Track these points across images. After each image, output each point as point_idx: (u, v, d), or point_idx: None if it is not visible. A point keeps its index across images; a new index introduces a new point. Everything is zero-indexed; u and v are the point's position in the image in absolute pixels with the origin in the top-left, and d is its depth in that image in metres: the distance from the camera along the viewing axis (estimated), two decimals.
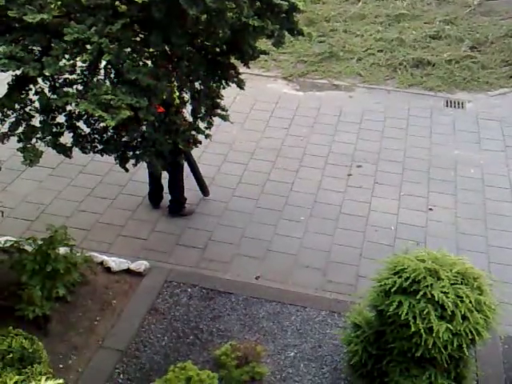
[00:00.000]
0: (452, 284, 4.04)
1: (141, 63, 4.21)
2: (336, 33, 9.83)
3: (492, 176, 7.00)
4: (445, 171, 7.06)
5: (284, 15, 4.38)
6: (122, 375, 4.67)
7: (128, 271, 5.51)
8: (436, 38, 9.69)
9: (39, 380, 3.08)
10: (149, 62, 4.32)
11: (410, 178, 6.94)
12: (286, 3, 4.20)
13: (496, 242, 6.10)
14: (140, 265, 5.55)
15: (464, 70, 8.92)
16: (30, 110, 4.30)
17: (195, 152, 6.02)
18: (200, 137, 5.18)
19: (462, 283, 4.05)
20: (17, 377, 3.69)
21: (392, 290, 4.10)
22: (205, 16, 4.20)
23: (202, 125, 5.09)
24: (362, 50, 9.37)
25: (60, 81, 4.24)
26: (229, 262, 5.77)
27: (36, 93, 4.20)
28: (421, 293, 4.00)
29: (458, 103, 8.35)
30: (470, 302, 3.98)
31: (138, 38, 4.24)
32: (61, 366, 4.67)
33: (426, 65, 9.04)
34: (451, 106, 8.30)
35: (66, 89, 4.16)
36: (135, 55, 4.17)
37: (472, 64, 9.02)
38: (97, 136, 4.62)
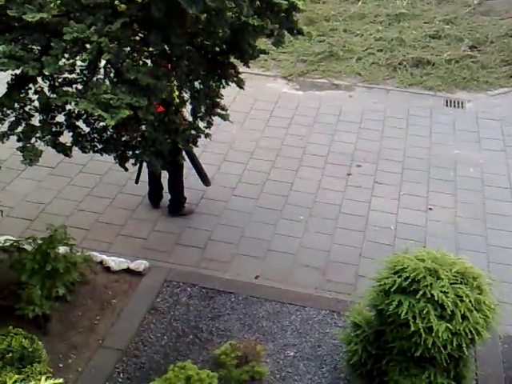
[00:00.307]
0: (452, 283, 4.04)
1: (140, 62, 4.22)
2: (336, 32, 9.83)
3: (492, 175, 7.00)
4: (444, 171, 7.06)
5: (284, 14, 4.38)
6: (121, 374, 4.67)
7: (128, 271, 5.50)
8: (436, 37, 9.69)
9: (39, 379, 3.06)
10: (148, 62, 4.32)
11: (410, 178, 6.94)
12: (286, 2, 4.20)
13: (496, 241, 6.10)
14: (140, 264, 5.54)
15: (464, 70, 8.91)
16: (30, 109, 4.29)
17: (195, 151, 6.01)
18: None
19: (461, 283, 4.06)
20: (16, 376, 3.67)
21: (392, 290, 4.11)
22: (204, 15, 4.20)
23: (201, 124, 5.09)
24: (362, 50, 9.36)
25: (59, 80, 4.24)
26: (228, 262, 5.76)
27: (35, 92, 4.20)
28: (420, 292, 4.01)
29: (458, 103, 8.34)
30: (470, 301, 3.98)
31: (137, 38, 4.24)
32: (60, 365, 4.67)
33: (426, 64, 9.04)
34: (451, 106, 8.30)
35: (65, 88, 4.15)
36: (135, 54, 4.18)
37: (472, 64, 9.02)
38: (96, 135, 4.62)
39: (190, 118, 5.07)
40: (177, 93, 5.03)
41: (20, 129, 4.24)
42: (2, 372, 3.91)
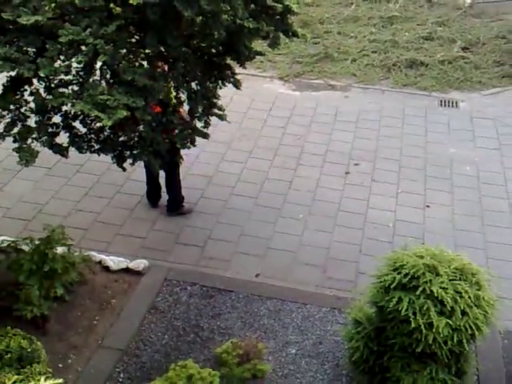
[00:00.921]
0: (451, 280, 4.05)
1: (137, 64, 4.20)
2: (330, 34, 9.88)
3: (487, 173, 7.03)
4: (441, 169, 7.08)
5: (278, 17, 4.37)
6: (122, 374, 4.65)
7: (127, 270, 5.48)
8: (429, 39, 9.75)
9: (38, 380, 3.04)
10: (145, 63, 4.31)
11: (407, 176, 6.96)
12: (281, 5, 4.20)
13: (493, 238, 6.11)
14: (139, 263, 5.52)
15: (457, 70, 8.98)
16: (26, 110, 4.28)
17: (193, 151, 5.97)
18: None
19: (460, 279, 4.07)
20: (16, 377, 3.65)
21: (392, 287, 4.12)
22: (200, 18, 4.18)
23: (199, 124, 5.08)
24: (357, 51, 9.41)
25: (55, 81, 4.22)
26: (229, 260, 5.76)
27: (31, 93, 4.17)
28: (420, 289, 4.02)
29: (452, 102, 8.40)
30: (469, 297, 4.00)
31: (133, 40, 4.22)
32: (60, 365, 4.65)
33: (420, 65, 9.09)
34: (445, 106, 8.35)
35: (61, 89, 4.13)
36: (131, 56, 4.17)
37: (465, 64, 9.09)
38: (93, 136, 4.61)
39: (188, 118, 5.07)
40: (174, 93, 5.02)
41: (16, 130, 4.22)
42: (1, 373, 3.88)
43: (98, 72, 4.14)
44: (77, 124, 4.49)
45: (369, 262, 5.35)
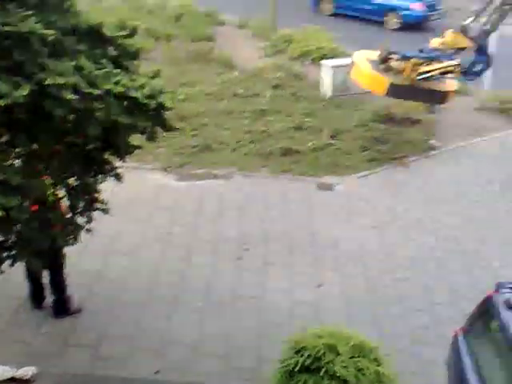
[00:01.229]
0: (351, 357, 4.13)
1: (8, 163, 4.04)
2: (207, 127, 10.20)
3: (369, 250, 7.28)
4: (327, 248, 7.26)
5: (153, 113, 4.40)
6: None
7: (13, 380, 5.06)
8: (298, 129, 10.35)
9: None
10: (17, 161, 4.16)
11: (297, 257, 7.07)
12: (154, 102, 4.25)
13: (382, 311, 6.28)
14: (27, 371, 5.12)
15: (328, 157, 9.63)
16: None
17: (78, 247, 5.68)
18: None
19: (359, 356, 4.15)
20: None
21: (296, 370, 4.12)
22: (73, 115, 4.10)
23: (82, 219, 4.90)
24: (234, 142, 9.73)
25: None
26: (125, 358, 5.46)
27: None
28: (323, 369, 4.04)
29: (328, 186, 8.88)
30: (370, 374, 4.07)
31: (3, 139, 4.07)
32: None
33: (294, 153, 9.56)
34: (322, 189, 8.78)
35: None
36: (1, 156, 4.01)
37: (334, 150, 9.76)
38: None
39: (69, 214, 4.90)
40: (51, 190, 4.84)
41: None
42: None
43: None
44: None
45: (270, 346, 5.28)
